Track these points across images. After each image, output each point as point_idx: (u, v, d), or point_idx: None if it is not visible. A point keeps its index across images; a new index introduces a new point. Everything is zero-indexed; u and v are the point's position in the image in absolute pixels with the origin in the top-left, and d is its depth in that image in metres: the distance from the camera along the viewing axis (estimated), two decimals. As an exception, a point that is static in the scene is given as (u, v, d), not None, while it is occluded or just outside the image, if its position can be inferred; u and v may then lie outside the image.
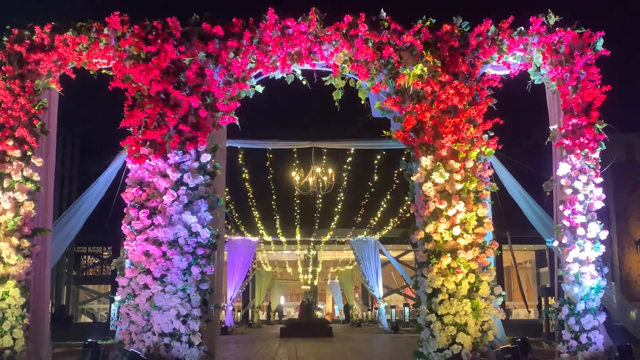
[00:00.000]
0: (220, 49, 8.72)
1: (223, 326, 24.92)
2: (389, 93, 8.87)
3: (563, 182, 8.74)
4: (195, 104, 8.49)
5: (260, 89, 9.08)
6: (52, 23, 8.88)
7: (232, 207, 25.02)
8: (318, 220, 29.27)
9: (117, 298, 8.54)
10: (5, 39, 8.90)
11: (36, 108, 8.79)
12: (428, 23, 8.87)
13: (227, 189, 9.29)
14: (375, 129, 10.33)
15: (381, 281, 30.33)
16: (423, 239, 8.43)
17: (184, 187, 8.31)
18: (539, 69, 9.13)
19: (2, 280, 8.26)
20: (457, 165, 8.45)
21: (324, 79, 9.20)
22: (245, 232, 28.91)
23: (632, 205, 33.20)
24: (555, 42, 8.90)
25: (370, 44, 8.80)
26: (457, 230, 8.30)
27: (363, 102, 9.33)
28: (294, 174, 23.49)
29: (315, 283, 38.27)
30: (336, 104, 9.23)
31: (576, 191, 8.66)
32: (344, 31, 8.80)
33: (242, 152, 19.68)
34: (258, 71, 9.00)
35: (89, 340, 7.83)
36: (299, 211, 27.88)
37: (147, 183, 8.43)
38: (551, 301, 12.87)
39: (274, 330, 28.29)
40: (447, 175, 8.42)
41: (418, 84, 8.65)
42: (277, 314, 43.51)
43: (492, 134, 8.73)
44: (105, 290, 40.13)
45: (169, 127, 8.42)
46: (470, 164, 8.51)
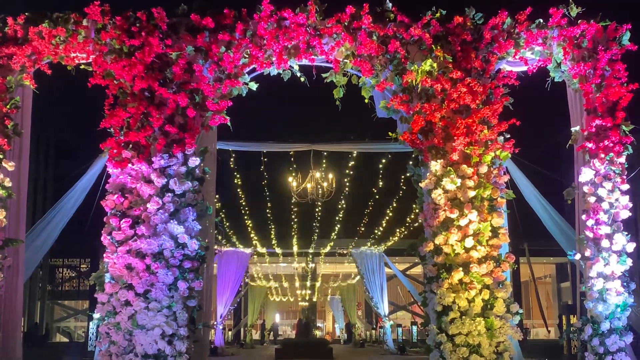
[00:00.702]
0: (210, 43, 8.73)
1: (212, 347, 24.90)
2: (395, 91, 8.89)
3: (586, 189, 8.74)
4: (183, 102, 8.49)
5: (254, 86, 9.09)
6: (26, 14, 8.87)
7: (222, 215, 25.02)
8: (317, 230, 29.26)
9: (96, 316, 8.52)
10: (-27, 31, 8.91)
11: (8, 107, 8.78)
12: (438, 15, 8.89)
13: (217, 196, 9.30)
14: (380, 131, 10.35)
15: (386, 297, 30.31)
16: (432, 252, 8.43)
17: (170, 194, 8.30)
18: (559, 65, 9.15)
19: (-31, 296, 8.26)
20: (469, 171, 8.46)
21: (323, 75, 9.21)
22: (237, 243, 28.89)
23: (661, 214, 33.29)
24: (578, 36, 8.91)
25: (375, 38, 8.81)
26: (469, 242, 8.30)
27: (367, 100, 9.34)
28: (290, 179, 23.51)
29: (314, 299, 38.24)
30: (337, 102, 9.24)
31: (600, 199, 8.66)
32: (345, 23, 8.82)
33: (234, 155, 19.69)
34: (252, 67, 9.00)
35: (66, 361, 7.82)
36: (296, 220, 27.90)
37: (129, 189, 8.42)
38: (573, 320, 12.86)
39: (268, 352, 28.27)
40: (458, 181, 8.43)
41: (427, 81, 8.66)
42: (271, 333, 43.44)
43: (508, 136, 8.73)
44: (82, 307, 40.13)
45: (153, 128, 8.42)
46: (484, 169, 8.51)
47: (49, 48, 8.89)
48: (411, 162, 9.00)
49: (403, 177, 22.29)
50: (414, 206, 20.72)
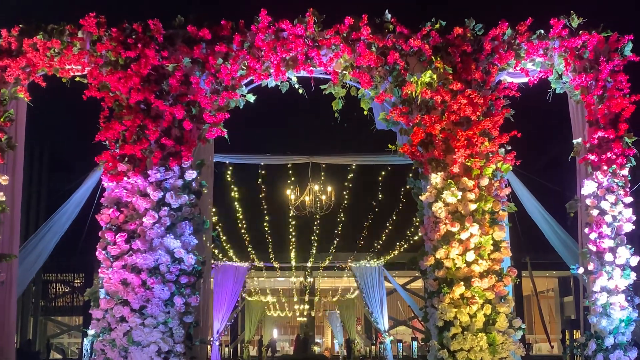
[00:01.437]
0: (207, 54, 8.76)
1: (209, 363, 24.78)
2: (394, 103, 8.91)
3: (588, 202, 8.76)
4: (180, 115, 8.50)
5: (251, 98, 9.10)
6: (21, 25, 8.90)
7: (219, 229, 24.98)
8: (315, 244, 29.23)
9: (91, 332, 8.50)
10: (-33, 43, 8.94)
11: (2, 120, 8.79)
12: (438, 26, 8.93)
13: (214, 210, 9.29)
14: (379, 143, 10.36)
15: (386, 312, 30.22)
16: (433, 266, 8.43)
17: (166, 208, 8.31)
18: (560, 76, 9.19)
19: (-38, 312, 8.25)
20: (470, 184, 8.47)
21: (322, 87, 9.22)
22: (234, 257, 28.85)
23: (665, 227, 33.28)
24: (579, 47, 8.95)
25: (374, 49, 8.84)
26: (471, 256, 8.30)
27: (366, 112, 9.36)
28: (288, 192, 23.50)
29: (313, 314, 38.19)
30: (336, 114, 9.26)
31: (603, 212, 8.67)
32: (344, 35, 8.85)
33: (231, 168, 19.70)
34: (249, 79, 9.03)
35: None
36: (294, 234, 27.88)
37: (125, 203, 8.43)
38: (576, 335, 12.85)
39: (266, 368, 28.18)
40: (459, 194, 8.44)
41: (427, 92, 8.69)
42: (269, 349, 43.21)
43: (510, 148, 8.75)
44: (76, 323, 40.01)
45: (149, 140, 8.44)
46: (485, 182, 8.53)
47: (43, 60, 8.91)
48: (411, 175, 9.01)
49: (403, 189, 22.29)
50: (414, 219, 20.76)
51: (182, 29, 8.81)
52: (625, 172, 8.78)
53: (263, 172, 20.58)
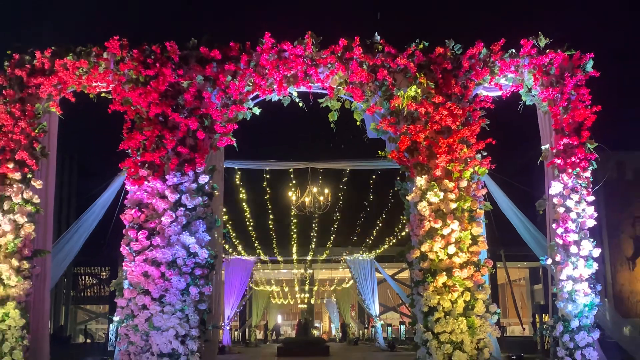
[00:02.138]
0: (217, 72, 8.75)
1: (220, 345, 24.72)
2: (383, 114, 8.91)
3: (555, 200, 8.76)
4: (194, 126, 8.50)
5: (257, 111, 9.10)
6: (53, 48, 8.91)
7: (229, 227, 24.97)
8: (314, 239, 29.21)
9: (116, 318, 8.49)
10: (6, 63, 8.93)
11: (36, 131, 8.80)
12: (421, 46, 8.93)
13: (224, 210, 9.29)
14: (370, 150, 10.35)
15: (377, 299, 30.19)
16: (419, 258, 8.43)
17: (182, 208, 8.31)
18: (530, 90, 9.19)
19: (2, 301, 8.22)
20: (451, 185, 8.48)
21: (320, 101, 9.22)
22: (242, 251, 28.83)
23: (623, 222, 33.24)
24: (546, 64, 8.96)
25: (365, 67, 8.85)
26: (452, 249, 8.31)
27: (358, 123, 9.36)
28: (290, 193, 23.49)
29: (312, 302, 38.13)
30: (332, 125, 9.26)
31: (568, 209, 8.68)
32: (339, 54, 8.85)
33: (239, 172, 19.69)
34: (255, 94, 9.02)
35: (88, 360, 7.79)
36: (295, 230, 27.85)
37: (145, 204, 8.42)
38: (545, 318, 12.85)
39: (271, 350, 28.10)
40: (441, 194, 8.44)
41: (412, 105, 8.69)
42: (274, 333, 43.23)
43: (485, 153, 8.74)
44: (103, 311, 39.91)
45: (167, 149, 8.43)
46: (464, 184, 8.53)
47: (73, 78, 8.91)
48: (399, 178, 9.01)
49: (391, 191, 22.32)
50: (401, 217, 20.76)
51: (195, 50, 8.81)
52: (588, 174, 8.80)
53: (267, 176, 20.61)
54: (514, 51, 9.00)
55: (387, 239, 28.65)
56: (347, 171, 20.37)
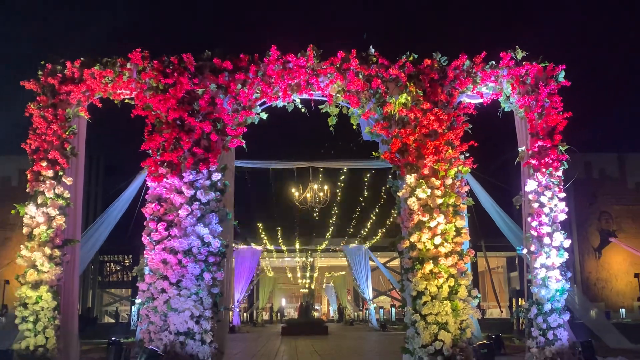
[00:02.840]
0: (229, 81, 8.75)
1: (231, 325, 24.74)
2: (377, 119, 8.90)
3: (530, 197, 8.76)
4: (207, 129, 8.50)
5: (264, 115, 9.09)
6: (81, 59, 8.91)
7: (239, 220, 24.90)
8: (315, 231, 29.20)
9: (138, 301, 8.49)
10: (40, 72, 8.93)
11: (67, 133, 8.79)
12: (411, 58, 8.93)
13: (234, 204, 9.26)
14: (365, 151, 10.35)
15: (371, 285, 30.16)
16: (408, 248, 8.42)
17: (197, 203, 8.30)
18: (508, 97, 9.18)
19: (36, 285, 8.23)
20: (437, 183, 8.47)
21: (320, 107, 9.22)
22: (250, 241, 28.81)
23: (590, 217, 33.27)
24: (523, 75, 8.95)
25: (361, 77, 8.84)
26: (438, 240, 8.30)
27: (355, 127, 9.35)
28: (293, 190, 23.49)
29: (313, 287, 38.08)
30: (331, 128, 9.25)
31: (542, 205, 8.67)
32: (337, 65, 8.84)
33: (248, 171, 19.66)
34: (262, 100, 9.02)
35: (113, 338, 7.76)
36: (298, 223, 27.85)
37: (164, 199, 8.42)
38: (521, 302, 12.84)
39: (276, 329, 28.10)
40: (429, 191, 8.43)
41: (403, 111, 8.68)
42: (278, 314, 43.24)
43: (468, 154, 8.74)
44: (126, 294, 39.91)
45: (184, 149, 8.43)
46: (449, 181, 8.52)
47: (99, 86, 8.91)
48: (390, 176, 9.00)
49: (384, 188, 22.30)
50: (392, 211, 20.71)
51: (209, 61, 8.80)
52: (560, 173, 8.79)
53: (273, 174, 20.56)
54: (494, 63, 8.99)
55: (379, 230, 28.65)
56: (345, 170, 20.35)
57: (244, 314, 37.64)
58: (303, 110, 9.25)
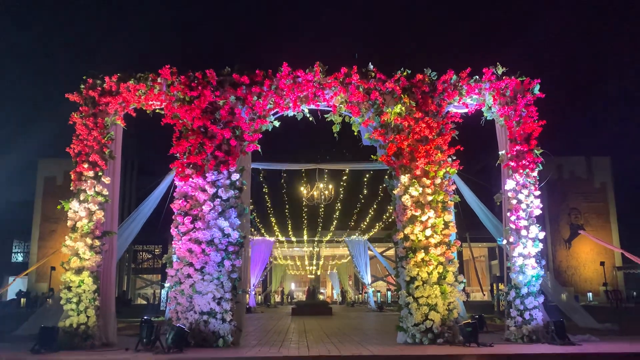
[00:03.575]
0: (246, 94, 8.76)
1: (247, 306, 24.73)
2: (375, 126, 8.90)
3: (510, 194, 8.74)
4: (227, 135, 8.52)
5: (277, 124, 9.10)
6: (118, 74, 8.94)
7: (255, 214, 24.94)
8: (321, 224, 29.17)
9: (167, 285, 8.51)
10: (82, 86, 8.96)
11: (105, 139, 8.82)
12: (405, 73, 8.93)
13: (251, 200, 9.28)
14: (365, 154, 10.34)
15: (369, 271, 30.11)
16: (402, 239, 8.42)
17: (218, 199, 8.32)
18: (490, 108, 9.16)
19: (78, 271, 8.26)
20: (428, 182, 8.46)
21: (325, 116, 9.22)
22: (264, 233, 28.81)
23: (561, 212, 33.18)
24: (503, 88, 8.93)
25: (361, 89, 8.84)
26: (428, 232, 8.29)
27: (356, 133, 9.35)
28: (302, 188, 23.47)
29: (318, 273, 38.07)
30: (335, 135, 9.25)
31: (520, 201, 8.66)
32: (341, 80, 8.85)
33: (263, 172, 19.66)
34: (275, 110, 9.03)
35: (145, 317, 7.77)
36: (305, 217, 27.82)
37: (190, 196, 8.44)
38: (501, 287, 12.80)
39: (287, 310, 28.07)
40: (420, 189, 8.43)
41: (398, 119, 8.68)
42: (289, 296, 43.20)
43: (455, 157, 8.73)
44: (156, 279, 40.02)
45: (207, 153, 8.45)
46: (438, 181, 8.52)
47: (134, 98, 8.93)
48: (387, 176, 8.99)
49: (381, 187, 22.24)
50: (389, 207, 20.72)
51: (229, 76, 8.82)
52: (535, 174, 8.78)
53: (285, 174, 20.56)
54: (477, 77, 8.99)
55: (377, 224, 28.60)
56: (347, 171, 20.32)
57: (259, 296, 37.64)
58: (311, 119, 9.26)
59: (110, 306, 8.65)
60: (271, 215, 26.78)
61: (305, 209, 26.37)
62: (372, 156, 9.18)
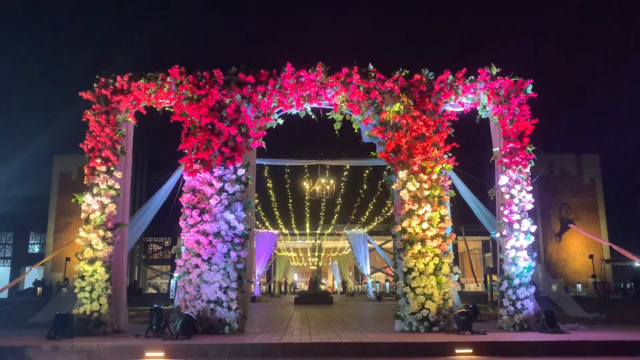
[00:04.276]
0: (252, 92, 8.75)
1: (252, 296, 24.77)
2: (374, 124, 8.88)
3: (503, 189, 8.73)
4: (233, 132, 8.51)
5: (281, 121, 9.09)
6: (130, 73, 8.92)
7: (259, 208, 24.95)
8: (322, 218, 29.18)
9: (176, 275, 8.52)
10: (95, 85, 8.96)
11: (117, 136, 8.82)
12: (403, 73, 8.90)
13: (256, 194, 9.27)
14: (365, 151, 10.33)
15: (368, 263, 30.13)
16: (400, 232, 8.41)
17: (225, 193, 8.32)
18: (484, 107, 9.14)
19: (92, 261, 8.28)
20: (425, 177, 8.45)
21: (327, 114, 9.21)
22: (268, 226, 28.83)
23: (552, 207, 33.15)
24: (497, 87, 8.90)
25: (361, 89, 8.82)
26: (425, 225, 8.29)
27: (356, 131, 9.34)
28: (305, 183, 23.46)
29: (320, 264, 38.09)
30: (336, 132, 9.24)
31: (512, 196, 8.64)
32: (342, 79, 8.83)
33: (267, 167, 19.65)
34: (279, 108, 9.02)
35: (155, 305, 7.78)
36: (308, 211, 27.82)
37: (198, 190, 8.44)
38: (494, 278, 12.80)
39: (290, 299, 28.12)
40: (418, 184, 8.42)
41: (396, 117, 8.66)
42: (292, 287, 43.28)
43: (451, 154, 8.72)
44: (166, 269, 40.13)
45: (214, 149, 8.44)
46: (434, 176, 8.51)
47: (144, 96, 8.93)
48: (386, 172, 8.98)
49: (380, 182, 22.20)
50: (387, 201, 20.66)
51: (235, 76, 8.80)
52: (527, 170, 8.77)
53: (288, 170, 20.53)
54: (472, 77, 8.95)
55: (376, 218, 28.59)
56: (348, 167, 20.29)
57: (263, 286, 37.73)
58: (313, 117, 9.24)
59: (122, 295, 8.68)
60: (275, 209, 26.77)
61: (308, 203, 26.37)
62: (371, 152, 9.16)
